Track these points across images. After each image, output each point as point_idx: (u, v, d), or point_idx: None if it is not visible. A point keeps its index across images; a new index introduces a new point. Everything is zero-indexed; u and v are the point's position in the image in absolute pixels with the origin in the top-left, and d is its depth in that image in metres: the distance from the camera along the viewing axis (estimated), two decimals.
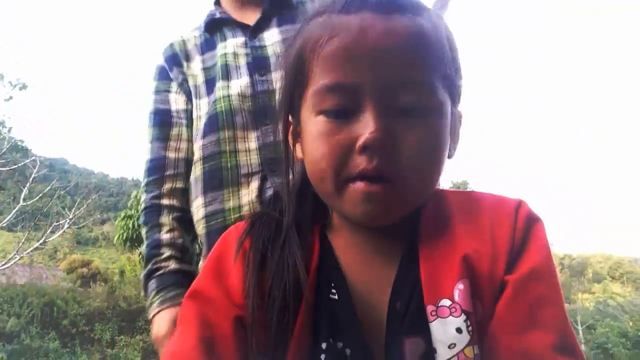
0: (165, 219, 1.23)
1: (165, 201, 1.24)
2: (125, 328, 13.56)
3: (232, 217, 1.14)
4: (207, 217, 1.16)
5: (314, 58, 0.62)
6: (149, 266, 1.21)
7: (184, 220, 1.24)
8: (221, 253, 0.72)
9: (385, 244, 0.68)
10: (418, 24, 0.60)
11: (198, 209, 1.19)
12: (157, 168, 1.26)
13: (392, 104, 0.59)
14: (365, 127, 0.58)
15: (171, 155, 1.26)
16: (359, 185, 0.59)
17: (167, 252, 1.20)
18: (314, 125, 0.62)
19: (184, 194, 1.25)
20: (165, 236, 1.22)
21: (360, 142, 0.58)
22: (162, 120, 1.28)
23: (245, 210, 1.13)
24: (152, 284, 1.18)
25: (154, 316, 1.16)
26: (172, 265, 1.19)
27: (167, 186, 1.25)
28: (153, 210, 1.25)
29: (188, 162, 1.25)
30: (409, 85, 0.59)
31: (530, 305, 0.62)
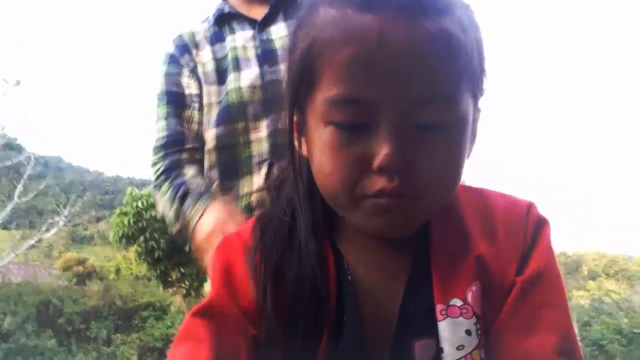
0: (188, 170, 1.25)
1: (185, 163, 1.26)
2: (122, 326, 13.51)
3: (244, 202, 1.19)
4: None
5: (325, 59, 0.55)
6: (179, 194, 1.20)
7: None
8: (229, 264, 0.67)
9: (397, 248, 0.65)
10: (445, 29, 0.53)
11: None
12: (175, 142, 1.28)
13: (412, 120, 0.54)
14: (381, 145, 0.53)
15: (187, 133, 1.28)
16: (377, 200, 0.55)
17: (195, 185, 1.21)
18: (322, 135, 0.57)
19: (202, 165, 1.28)
20: (191, 179, 1.23)
21: (376, 163, 0.53)
22: (176, 101, 1.30)
23: (255, 196, 1.18)
24: (188, 201, 1.18)
25: (196, 224, 1.15)
26: (204, 189, 1.20)
27: (186, 155, 1.28)
28: (174, 167, 1.25)
29: (202, 142, 1.28)
30: (431, 101, 0.54)
31: (535, 307, 0.62)
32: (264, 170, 1.19)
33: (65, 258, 23.07)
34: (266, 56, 1.25)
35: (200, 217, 1.15)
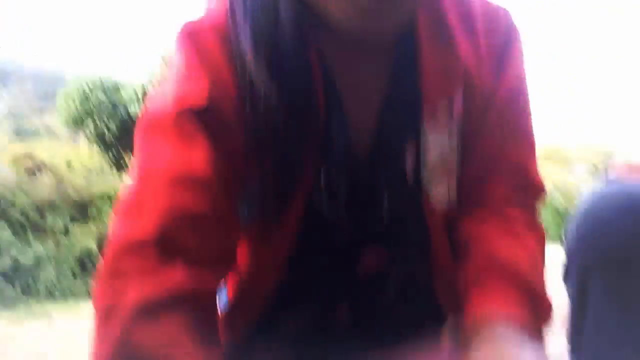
0: None
1: None
2: (78, 217, 13.50)
3: None
4: None
5: None
6: None
7: None
8: (207, 55, 0.57)
9: (380, 54, 0.62)
10: None
11: None
12: None
13: None
14: None
15: None
16: None
17: None
18: None
19: None
20: None
21: None
22: None
23: None
24: None
25: None
26: None
27: None
28: None
29: None
30: None
31: (515, 116, 0.65)
32: None
33: (11, 152, 22.29)
34: None
35: None
